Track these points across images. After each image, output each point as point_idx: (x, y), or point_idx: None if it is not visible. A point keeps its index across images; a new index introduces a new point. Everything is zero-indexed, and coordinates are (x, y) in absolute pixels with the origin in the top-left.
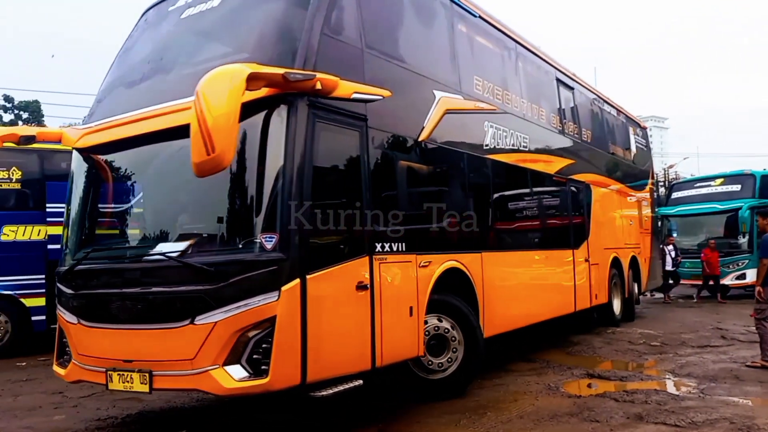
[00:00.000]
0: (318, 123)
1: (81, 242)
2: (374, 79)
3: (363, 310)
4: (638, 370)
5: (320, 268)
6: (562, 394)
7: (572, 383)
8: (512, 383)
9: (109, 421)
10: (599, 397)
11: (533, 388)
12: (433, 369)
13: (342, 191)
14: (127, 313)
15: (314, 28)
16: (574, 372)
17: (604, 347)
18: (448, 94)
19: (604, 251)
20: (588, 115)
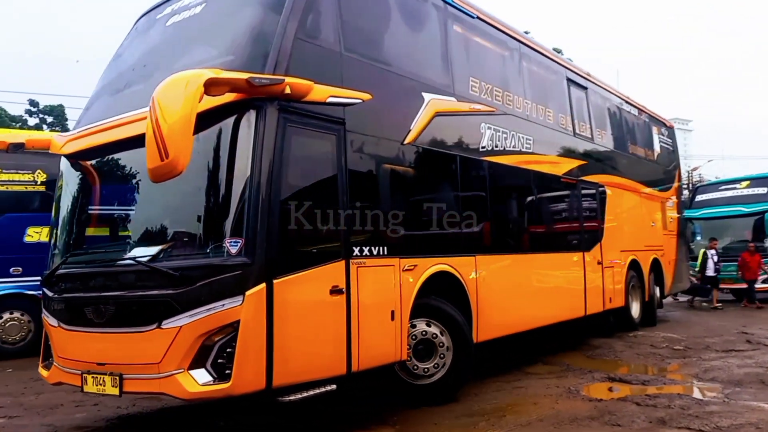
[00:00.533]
0: (289, 127)
1: (64, 246)
2: (354, 83)
3: (338, 315)
4: (661, 374)
5: (289, 273)
6: (582, 398)
7: (593, 387)
8: (531, 386)
9: (128, 419)
10: (621, 401)
11: (553, 391)
12: (420, 374)
13: (315, 196)
14: (101, 316)
15: (287, 33)
16: (594, 375)
17: (626, 351)
18: (439, 96)
19: (621, 253)
20: (603, 115)
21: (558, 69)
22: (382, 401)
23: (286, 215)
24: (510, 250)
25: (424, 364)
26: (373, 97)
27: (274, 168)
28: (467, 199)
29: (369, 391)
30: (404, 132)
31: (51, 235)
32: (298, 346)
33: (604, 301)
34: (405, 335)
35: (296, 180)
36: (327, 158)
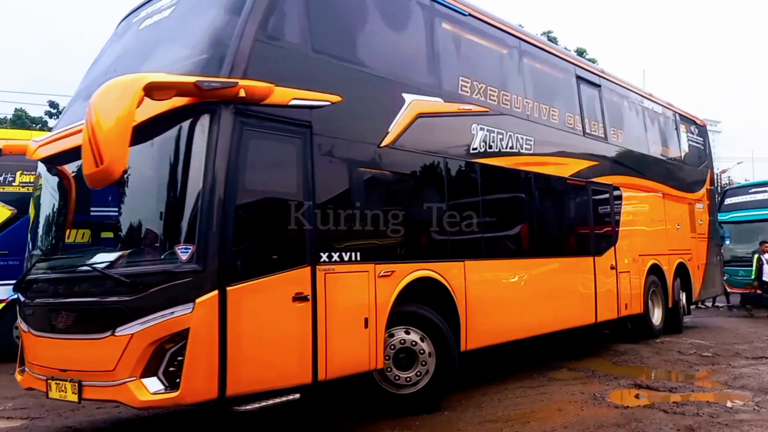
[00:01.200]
0: (247, 131)
1: (37, 251)
2: (322, 85)
3: (302, 322)
4: (689, 381)
5: (246, 280)
6: (608, 405)
7: (619, 393)
8: (556, 392)
9: (148, 419)
10: (648, 408)
11: (578, 397)
12: (401, 383)
13: (276, 200)
14: (62, 323)
15: (246, 35)
16: (620, 382)
17: (653, 357)
18: (423, 97)
19: (639, 258)
20: (620, 114)
21: (566, 66)
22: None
23: (242, 221)
24: (505, 255)
25: (405, 373)
26: (343, 99)
27: (228, 173)
28: (454, 203)
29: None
30: (382, 134)
31: (27, 239)
32: (256, 354)
33: (619, 308)
34: (381, 343)
35: (254, 185)
36: (291, 162)
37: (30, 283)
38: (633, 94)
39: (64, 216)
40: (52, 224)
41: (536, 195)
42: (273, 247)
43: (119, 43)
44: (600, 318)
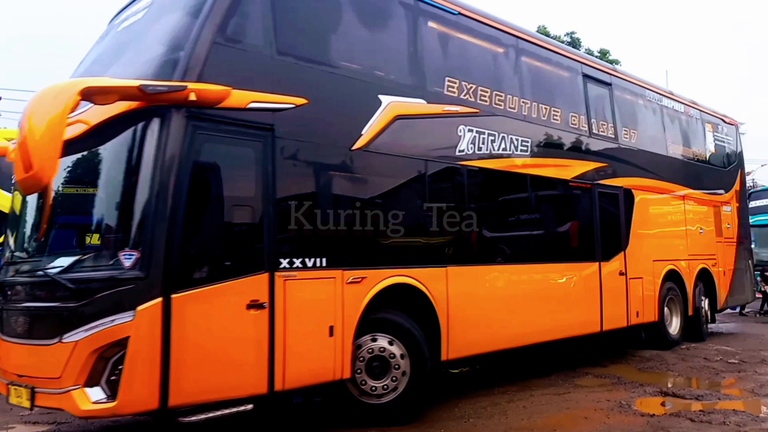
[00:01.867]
0: (200, 134)
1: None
2: (287, 87)
3: (257, 331)
4: (715, 389)
5: (194, 287)
6: (634, 413)
7: (645, 401)
8: (582, 399)
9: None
10: (674, 417)
11: (604, 405)
12: (375, 393)
13: (232, 206)
14: (20, 327)
15: (202, 38)
16: (646, 389)
17: (678, 363)
18: (403, 98)
19: (654, 263)
20: (634, 113)
21: (570, 65)
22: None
23: (191, 227)
24: (495, 261)
25: (378, 382)
26: (309, 102)
27: (177, 177)
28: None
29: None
30: (354, 137)
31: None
32: (203, 363)
33: (629, 316)
34: (348, 352)
35: (207, 189)
36: (249, 166)
37: (2, 286)
38: (650, 92)
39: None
40: (25, 226)
41: (532, 198)
42: (226, 253)
43: (100, 44)
44: (606, 326)
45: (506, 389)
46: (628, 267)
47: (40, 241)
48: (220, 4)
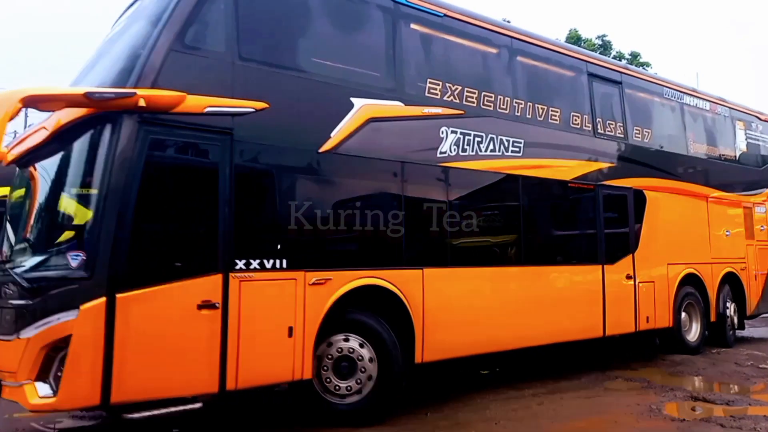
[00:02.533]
0: (153, 139)
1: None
2: (249, 92)
3: (208, 331)
4: (746, 394)
5: (140, 287)
6: (664, 417)
7: (675, 405)
8: (612, 403)
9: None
10: (704, 422)
11: (634, 409)
12: (338, 393)
13: (184, 208)
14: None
15: (158, 46)
16: (676, 393)
17: (709, 368)
18: (378, 101)
19: (668, 267)
20: (648, 112)
21: (573, 64)
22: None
23: (140, 229)
24: (475, 263)
25: (344, 382)
26: (270, 106)
27: (126, 180)
28: (414, 209)
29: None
30: (322, 139)
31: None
32: (150, 362)
33: (638, 321)
34: (309, 353)
35: (158, 192)
36: (205, 169)
37: None
38: (668, 90)
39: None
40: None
41: (524, 199)
42: (176, 255)
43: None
44: (610, 332)
45: (536, 392)
46: (638, 270)
47: (17, 241)
48: (179, 13)
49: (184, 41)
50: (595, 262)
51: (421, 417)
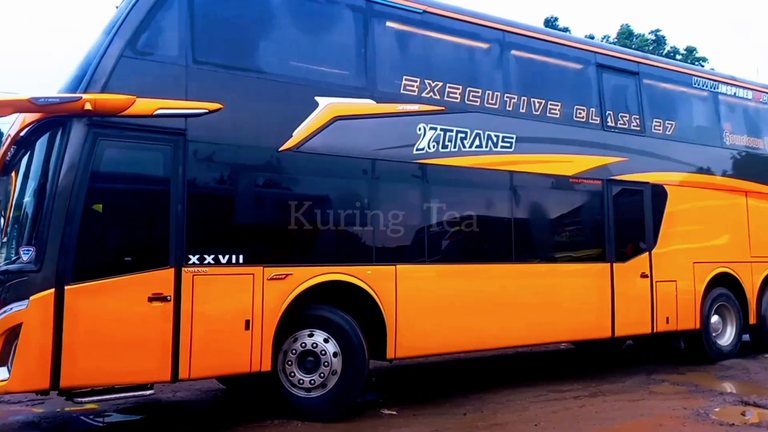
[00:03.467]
0: (102, 140)
1: None
2: (203, 94)
3: (160, 322)
4: None
5: (89, 280)
6: (712, 422)
7: (724, 410)
8: (657, 407)
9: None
10: (754, 427)
11: (680, 413)
12: (302, 386)
13: (134, 205)
14: None
15: (108, 53)
16: (726, 398)
17: (761, 372)
18: (346, 99)
19: (695, 266)
20: (671, 103)
21: (578, 55)
22: None
23: (89, 225)
24: (456, 260)
25: (308, 376)
26: (224, 107)
27: (75, 180)
28: (386, 206)
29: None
30: (283, 138)
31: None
32: (99, 349)
33: (655, 322)
34: (268, 346)
35: (108, 190)
36: (157, 168)
37: None
38: (699, 79)
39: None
40: None
41: (516, 195)
42: (126, 250)
43: None
44: (621, 332)
45: (578, 394)
46: (656, 269)
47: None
48: (130, 21)
49: (136, 47)
50: (602, 260)
51: (459, 417)
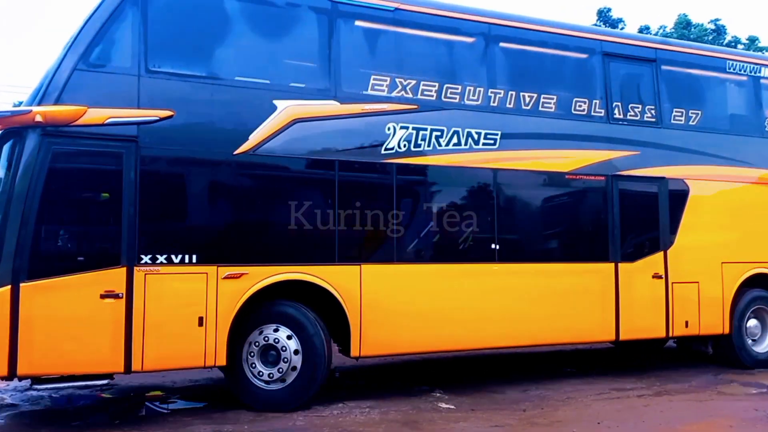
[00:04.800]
0: (56, 148)
1: None
2: (157, 101)
3: (112, 317)
4: None
5: (44, 278)
6: None
7: None
8: (725, 407)
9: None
10: None
11: (750, 414)
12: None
13: (87, 208)
14: None
15: (62, 67)
16: None
17: None
18: (307, 101)
19: (723, 266)
20: (698, 91)
21: (580, 44)
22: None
23: (41, 228)
24: (427, 259)
25: (268, 369)
26: (175, 114)
27: (29, 186)
28: (350, 206)
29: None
30: (238, 142)
31: None
32: (54, 341)
33: (671, 325)
34: (222, 342)
35: (62, 195)
36: (109, 174)
37: None
38: (736, 63)
39: None
40: None
41: (500, 193)
42: (79, 250)
43: None
44: (627, 336)
45: (642, 393)
46: (673, 269)
47: None
48: (83, 36)
49: (89, 60)
50: (603, 260)
51: (518, 413)
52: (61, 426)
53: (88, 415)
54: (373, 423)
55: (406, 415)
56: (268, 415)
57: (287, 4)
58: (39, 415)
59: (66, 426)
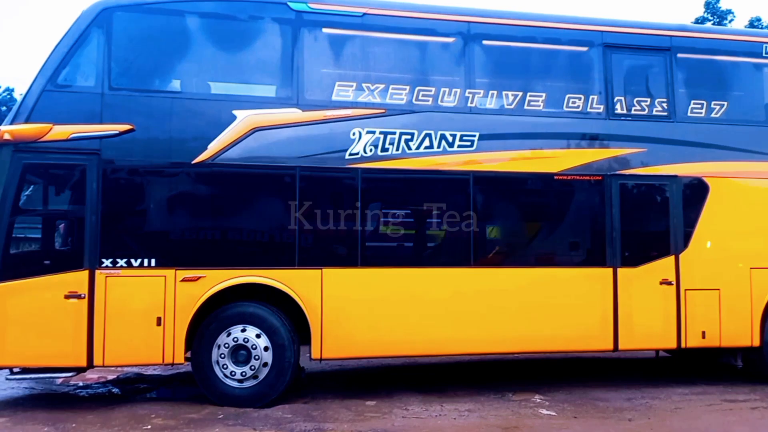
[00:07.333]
0: (25, 163)
1: None
2: (119, 116)
3: (75, 316)
4: None
5: (12, 280)
6: None
7: None
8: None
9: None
10: None
11: None
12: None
13: (53, 216)
14: None
15: (32, 89)
16: None
17: None
18: (267, 110)
19: (752, 271)
20: (722, 80)
21: (579, 37)
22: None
23: (10, 234)
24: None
25: (239, 368)
26: (134, 127)
27: (1, 196)
28: (312, 211)
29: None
30: (197, 152)
31: None
32: (23, 337)
33: (683, 335)
34: (181, 340)
35: (28, 204)
36: (74, 184)
37: None
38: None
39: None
40: None
41: (475, 196)
42: (44, 254)
43: None
44: (627, 345)
45: (755, 405)
46: (685, 275)
47: None
48: (51, 60)
49: (57, 81)
50: (599, 265)
51: (624, 422)
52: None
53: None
54: (472, 427)
55: (506, 420)
56: (367, 415)
57: (249, 17)
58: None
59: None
